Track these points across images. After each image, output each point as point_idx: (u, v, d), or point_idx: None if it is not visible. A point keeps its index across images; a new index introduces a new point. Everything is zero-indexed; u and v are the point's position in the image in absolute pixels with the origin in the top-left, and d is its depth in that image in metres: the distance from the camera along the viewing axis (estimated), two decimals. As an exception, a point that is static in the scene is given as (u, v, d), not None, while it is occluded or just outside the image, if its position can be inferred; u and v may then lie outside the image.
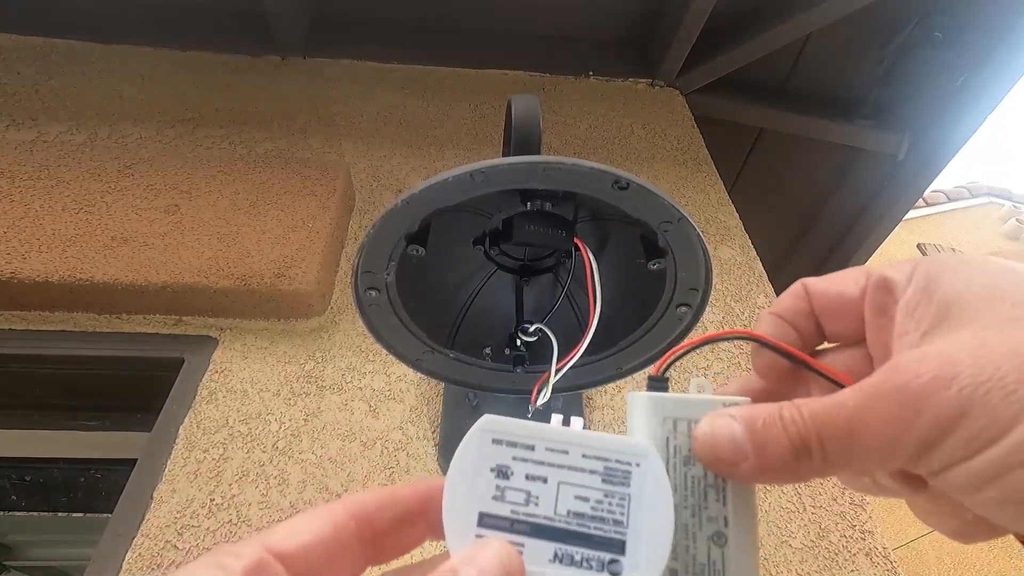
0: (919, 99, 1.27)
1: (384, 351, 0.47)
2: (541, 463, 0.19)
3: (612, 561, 0.18)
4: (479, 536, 0.18)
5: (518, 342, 0.49)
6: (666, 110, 1.16)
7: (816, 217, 1.57)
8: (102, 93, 0.99)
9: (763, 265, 0.88)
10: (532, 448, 0.19)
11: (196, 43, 1.10)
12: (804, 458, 0.18)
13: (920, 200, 2.35)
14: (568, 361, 0.42)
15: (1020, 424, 0.14)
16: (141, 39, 1.09)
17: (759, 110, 1.33)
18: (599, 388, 0.67)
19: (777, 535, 0.59)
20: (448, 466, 0.19)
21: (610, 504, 0.19)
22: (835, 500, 0.62)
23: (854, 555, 0.58)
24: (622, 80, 1.21)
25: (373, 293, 0.43)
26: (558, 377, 0.42)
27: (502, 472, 0.19)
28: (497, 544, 0.18)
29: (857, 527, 0.60)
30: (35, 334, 0.68)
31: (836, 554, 0.58)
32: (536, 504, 0.19)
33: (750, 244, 0.91)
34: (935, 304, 0.18)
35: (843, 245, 1.56)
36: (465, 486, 0.19)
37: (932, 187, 1.53)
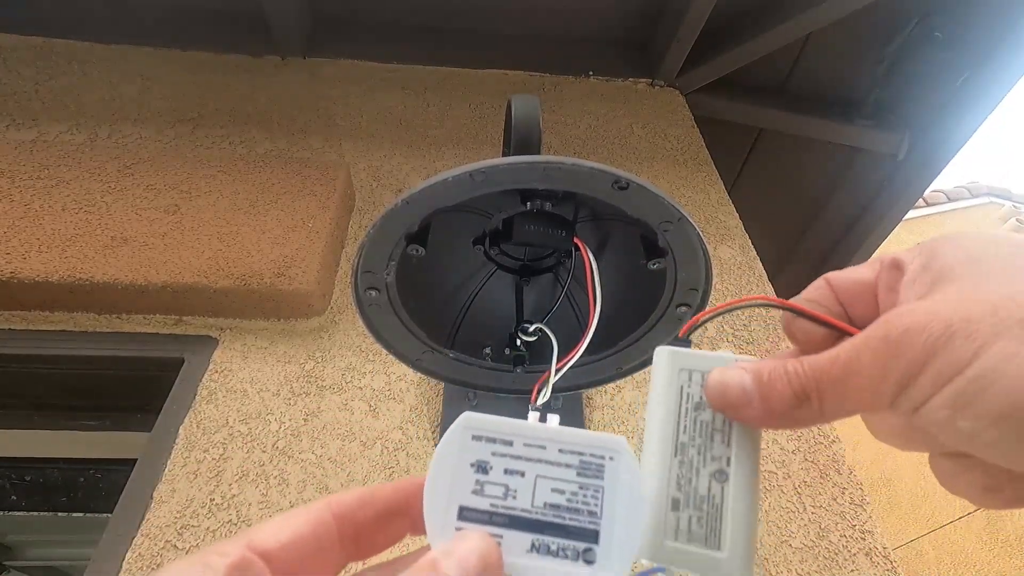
0: (919, 99, 1.27)
1: (384, 351, 0.47)
2: (519, 458, 0.20)
3: (586, 550, 0.19)
4: (459, 529, 0.19)
5: (518, 342, 0.49)
6: (666, 110, 1.16)
7: (816, 217, 1.57)
8: (102, 93, 0.99)
9: (763, 265, 0.88)
10: (511, 444, 0.20)
11: (196, 43, 1.10)
12: (804, 405, 0.20)
13: (920, 200, 2.34)
14: (568, 361, 0.42)
15: (977, 359, 0.16)
16: (141, 39, 1.09)
17: (759, 110, 1.33)
18: (599, 388, 0.67)
19: (777, 535, 0.59)
20: None
21: (585, 496, 0.20)
22: (835, 500, 0.62)
23: (854, 555, 0.58)
24: (622, 80, 1.21)
25: (373, 293, 0.43)
26: (558, 377, 0.42)
27: (481, 467, 0.20)
28: (476, 536, 0.18)
29: (857, 527, 0.60)
30: (35, 334, 0.68)
31: (836, 554, 0.58)
32: (514, 497, 0.20)
33: (750, 244, 0.91)
34: (931, 274, 0.20)
35: (843, 245, 1.56)
36: (446, 481, 0.20)
37: (932, 187, 1.53)
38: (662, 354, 0.23)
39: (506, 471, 0.20)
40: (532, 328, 0.47)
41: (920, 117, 1.29)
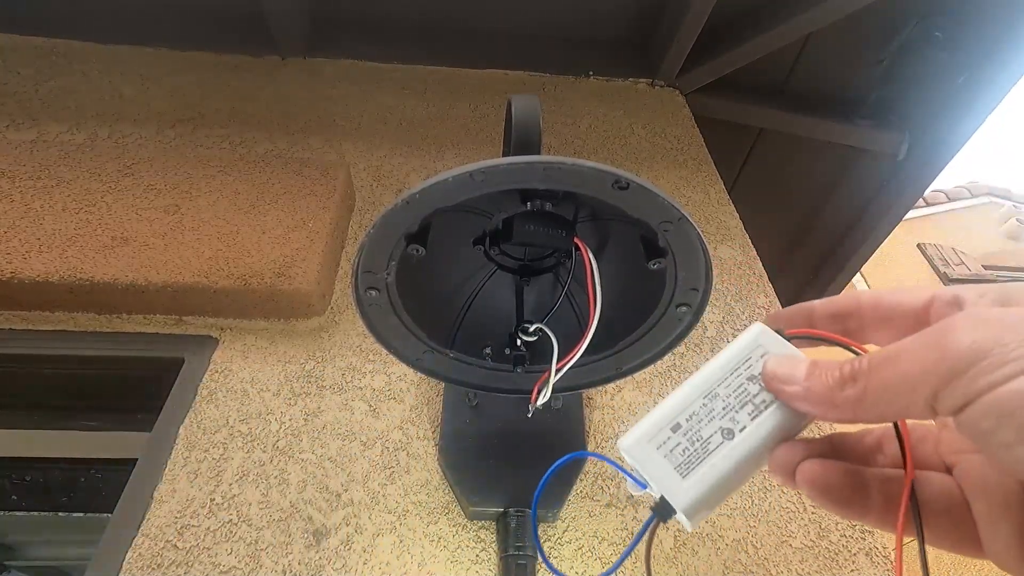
0: (919, 99, 1.27)
1: (384, 351, 0.48)
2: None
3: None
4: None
5: (518, 342, 0.49)
6: (666, 110, 1.16)
7: (816, 217, 1.57)
8: (102, 93, 0.99)
9: (763, 265, 0.88)
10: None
11: (196, 43, 1.10)
12: (847, 386, 0.20)
13: (920, 200, 2.34)
14: (568, 361, 0.42)
15: None
16: (141, 39, 1.09)
17: (759, 110, 1.33)
18: (599, 388, 0.67)
19: (777, 535, 0.59)
20: (447, 466, 0.21)
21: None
22: (835, 500, 0.62)
23: (854, 555, 0.58)
24: (622, 80, 1.21)
25: (373, 293, 0.43)
26: (558, 377, 0.42)
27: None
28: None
29: (857, 527, 0.60)
30: (35, 334, 0.68)
31: (836, 554, 0.58)
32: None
33: (750, 244, 0.91)
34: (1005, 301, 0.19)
35: (843, 245, 1.56)
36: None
37: (932, 187, 1.53)
38: (755, 326, 0.26)
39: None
40: (532, 328, 0.47)
41: (920, 117, 1.29)
